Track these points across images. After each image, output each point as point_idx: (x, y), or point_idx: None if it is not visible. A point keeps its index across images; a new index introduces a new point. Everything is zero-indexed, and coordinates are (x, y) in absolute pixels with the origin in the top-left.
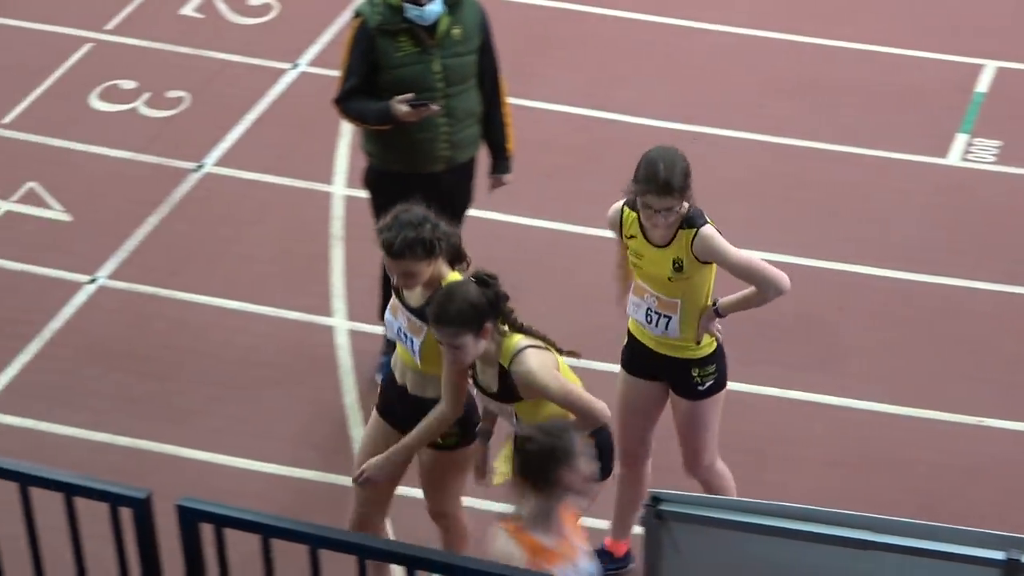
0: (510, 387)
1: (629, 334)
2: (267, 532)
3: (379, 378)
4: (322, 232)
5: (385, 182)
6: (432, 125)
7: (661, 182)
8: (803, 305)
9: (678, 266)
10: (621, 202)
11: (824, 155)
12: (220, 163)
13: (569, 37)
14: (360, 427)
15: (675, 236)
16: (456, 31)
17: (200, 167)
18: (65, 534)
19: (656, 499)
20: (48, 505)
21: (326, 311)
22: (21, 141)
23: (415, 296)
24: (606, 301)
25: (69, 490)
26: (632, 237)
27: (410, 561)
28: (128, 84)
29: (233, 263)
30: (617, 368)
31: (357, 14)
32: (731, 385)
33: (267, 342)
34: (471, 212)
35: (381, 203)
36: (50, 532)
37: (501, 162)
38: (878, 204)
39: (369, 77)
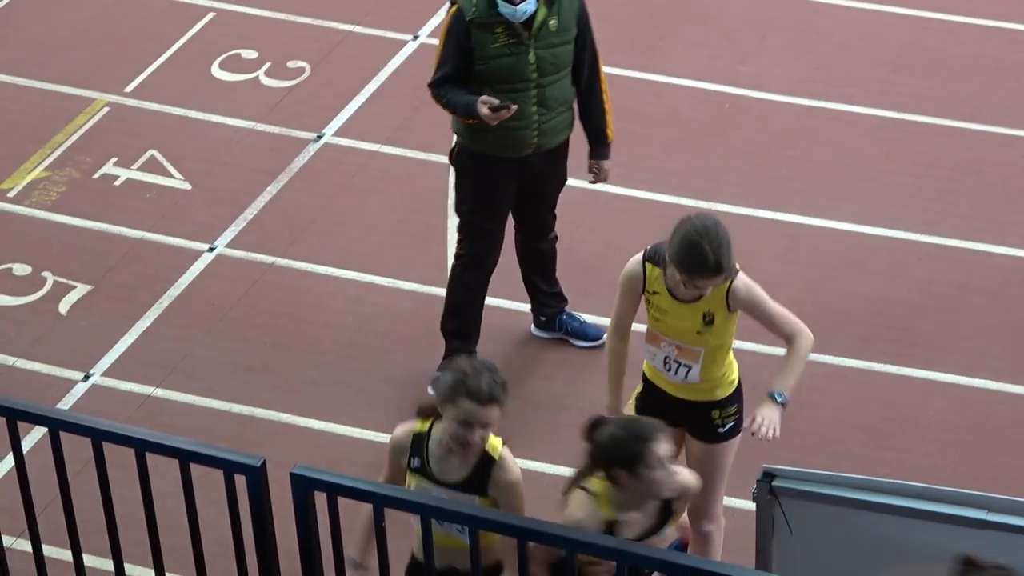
0: (671, 510)
1: (644, 378)
2: (380, 501)
3: None
4: (439, 204)
5: (473, 163)
6: (524, 113)
7: (712, 266)
8: (922, 282)
9: (709, 320)
10: (640, 256)
11: (947, 132)
12: (339, 133)
13: (694, 11)
14: None
15: None
16: (552, 22)
17: (320, 137)
18: (180, 500)
19: (769, 475)
20: (164, 471)
21: (442, 282)
22: (143, 109)
23: (453, 468)
24: None
25: (185, 456)
26: (656, 293)
27: (520, 532)
28: (249, 54)
29: (351, 233)
30: (735, 344)
31: (453, 2)
32: (848, 362)
33: (384, 312)
34: (588, 185)
35: (466, 184)
36: (166, 498)
37: (600, 148)
38: (1000, 181)
39: (463, 66)
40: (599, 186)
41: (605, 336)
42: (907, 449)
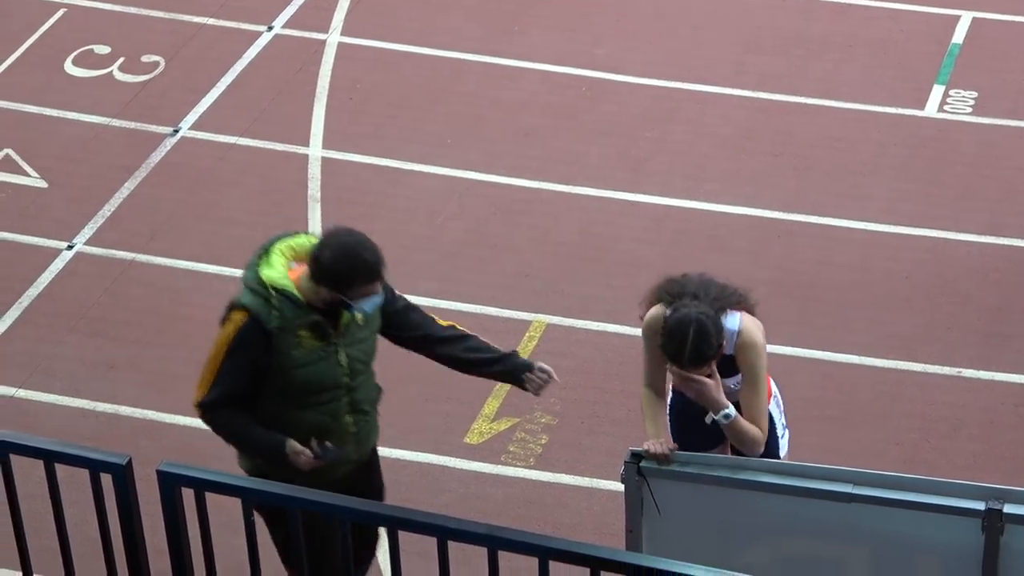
0: None
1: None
2: (248, 495)
3: None
4: (300, 194)
5: None
6: (337, 427)
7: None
8: (782, 259)
9: None
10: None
11: (803, 109)
12: (196, 127)
13: None
14: None
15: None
16: (359, 314)
17: (176, 131)
18: (46, 501)
19: (637, 456)
20: (29, 472)
21: None
22: None
23: None
24: (580, 258)
25: (49, 457)
26: None
27: (393, 522)
28: (103, 49)
29: (211, 226)
30: (598, 327)
31: (242, 308)
32: None
33: None
34: (446, 171)
35: (281, 531)
36: (31, 499)
37: (513, 360)
38: (857, 157)
39: (247, 385)
40: (459, 174)
41: None
42: None
